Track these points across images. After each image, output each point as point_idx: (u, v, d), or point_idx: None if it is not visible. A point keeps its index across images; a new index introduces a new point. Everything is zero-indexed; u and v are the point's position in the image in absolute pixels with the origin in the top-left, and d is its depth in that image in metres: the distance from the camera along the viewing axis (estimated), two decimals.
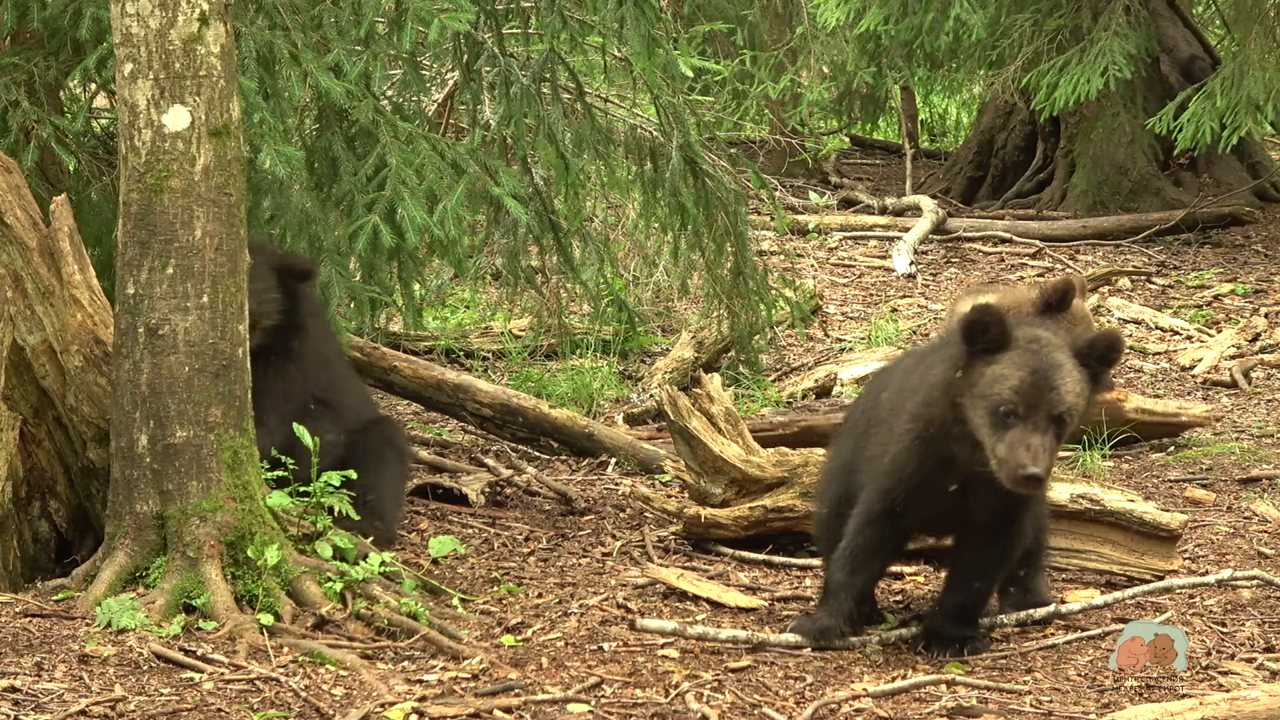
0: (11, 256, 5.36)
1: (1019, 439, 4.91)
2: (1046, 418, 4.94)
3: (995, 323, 5.05)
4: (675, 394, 6.44)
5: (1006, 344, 5.04)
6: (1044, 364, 5.00)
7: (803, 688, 4.83)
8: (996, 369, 5.00)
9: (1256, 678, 4.92)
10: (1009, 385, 4.97)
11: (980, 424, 5.00)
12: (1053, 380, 4.98)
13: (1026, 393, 4.95)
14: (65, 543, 5.63)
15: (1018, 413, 4.94)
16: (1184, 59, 13.94)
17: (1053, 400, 4.95)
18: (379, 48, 6.73)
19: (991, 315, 5.06)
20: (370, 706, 4.50)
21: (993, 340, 5.04)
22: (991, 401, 4.97)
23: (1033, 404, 4.94)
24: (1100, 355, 5.10)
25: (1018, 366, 4.99)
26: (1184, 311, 11.13)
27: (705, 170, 8.26)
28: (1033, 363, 5.00)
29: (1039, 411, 4.94)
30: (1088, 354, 5.08)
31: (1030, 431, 4.92)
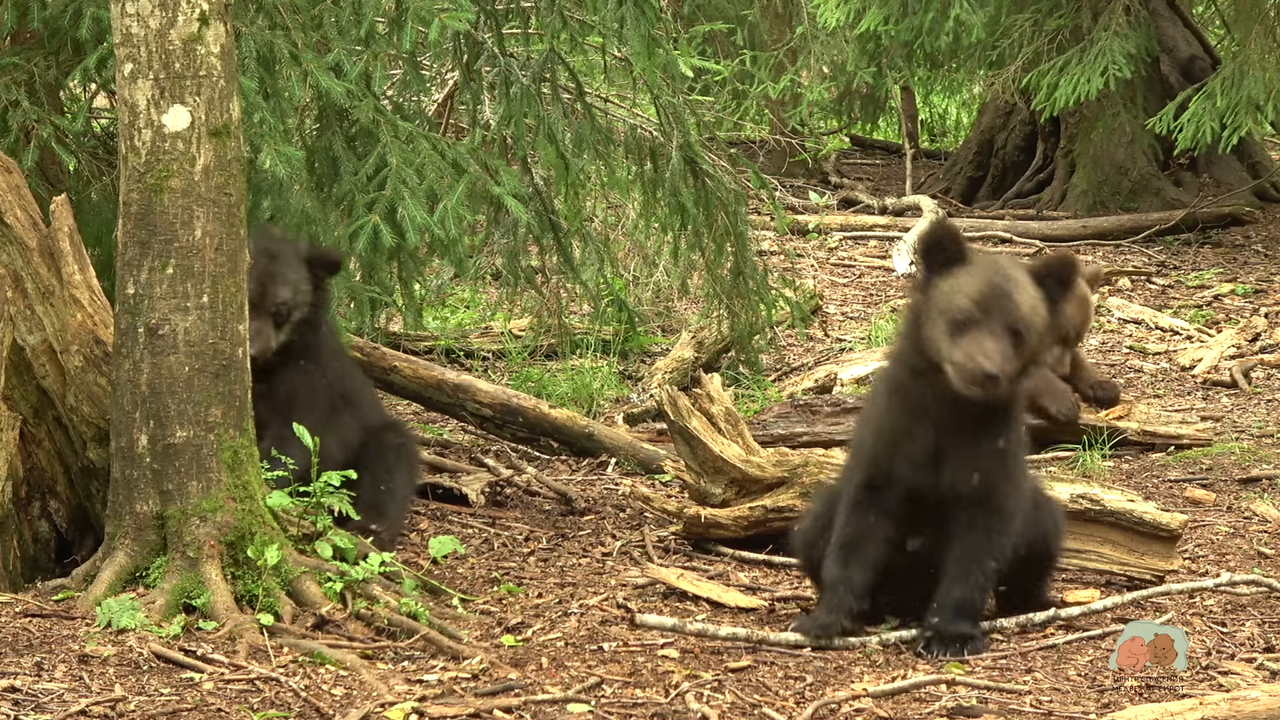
0: (11, 256, 5.36)
1: (974, 342, 4.99)
2: (1002, 325, 5.02)
3: (951, 239, 5.15)
4: (675, 394, 6.44)
5: (963, 259, 5.13)
6: (1000, 276, 5.09)
7: (803, 688, 4.83)
8: (953, 282, 5.09)
9: (1256, 678, 4.92)
10: (964, 294, 5.05)
11: (939, 339, 5.06)
12: (1008, 289, 5.06)
13: (982, 300, 5.03)
14: (65, 543, 5.63)
15: (974, 318, 5.02)
16: (1184, 59, 13.95)
17: (1008, 308, 5.03)
18: (379, 48, 6.73)
19: (947, 231, 5.18)
20: (370, 706, 4.50)
21: (949, 256, 5.13)
22: (949, 313, 5.05)
23: (988, 310, 5.02)
24: (1057, 277, 5.18)
25: (974, 278, 5.08)
26: (1184, 311, 11.13)
27: (705, 170, 8.26)
28: (988, 274, 5.09)
29: (994, 318, 5.01)
30: (1044, 275, 5.15)
31: (985, 335, 5.00)
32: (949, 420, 5.17)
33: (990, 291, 5.04)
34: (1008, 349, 5.01)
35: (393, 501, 6.27)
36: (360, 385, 6.67)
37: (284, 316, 6.11)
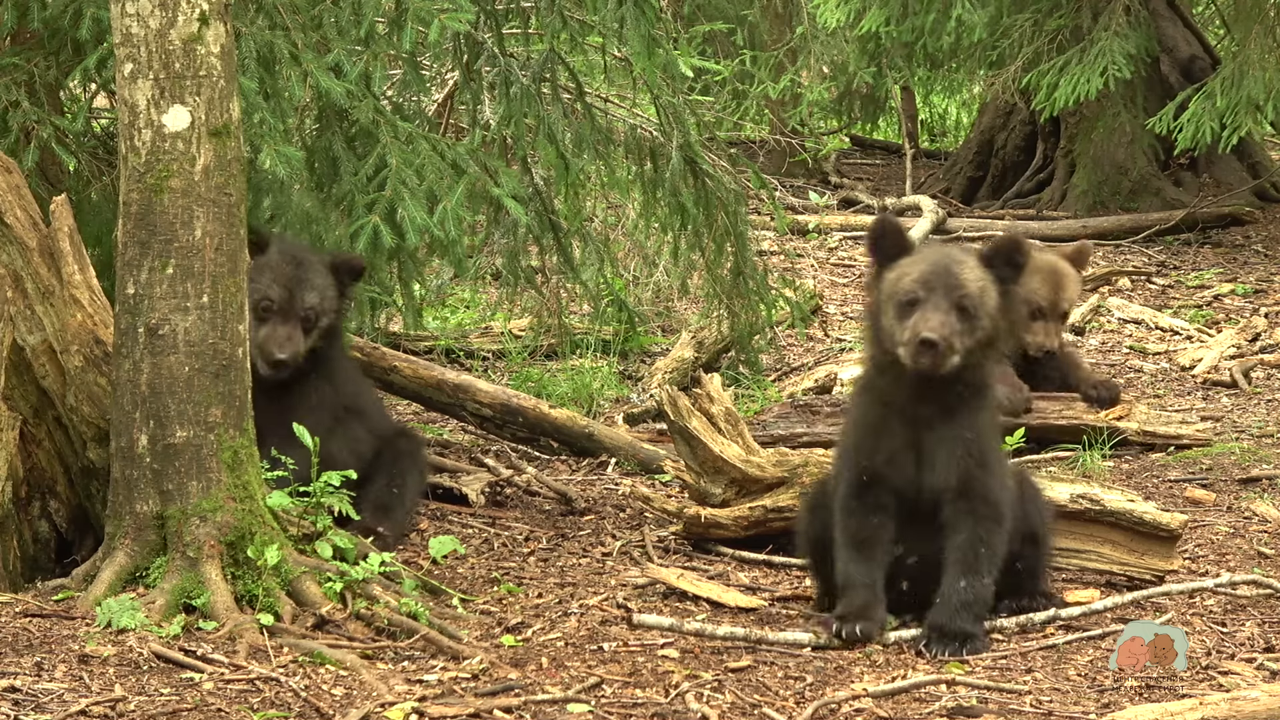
0: (11, 256, 5.36)
1: (921, 315, 5.16)
2: (947, 300, 5.17)
3: (893, 230, 5.36)
4: (675, 394, 6.44)
5: (907, 248, 5.34)
6: (944, 258, 5.28)
7: (803, 688, 4.83)
8: (900, 269, 5.27)
9: (1256, 678, 4.92)
10: (910, 278, 5.23)
11: (891, 325, 5.23)
12: (952, 269, 5.23)
13: (925, 279, 5.21)
14: (65, 543, 5.63)
15: (918, 297, 5.18)
16: (1184, 59, 13.95)
17: (951, 284, 5.19)
18: (379, 48, 6.73)
19: (889, 224, 5.40)
20: (370, 706, 4.50)
21: (893, 246, 5.32)
22: (896, 297, 5.23)
23: (932, 287, 5.19)
24: (1005, 258, 5.30)
25: (917, 263, 5.27)
26: (1184, 311, 11.13)
27: (705, 170, 8.26)
28: (933, 257, 5.30)
29: (938, 293, 5.18)
30: (992, 258, 5.29)
31: (931, 310, 5.16)
32: (918, 410, 5.27)
33: (933, 270, 5.23)
34: (953, 321, 5.16)
35: (400, 505, 6.30)
36: (367, 394, 6.71)
37: (312, 322, 6.14)
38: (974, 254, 5.33)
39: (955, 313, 5.17)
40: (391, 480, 6.34)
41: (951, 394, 5.27)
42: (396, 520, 6.23)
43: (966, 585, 5.24)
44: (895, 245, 5.33)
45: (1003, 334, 5.35)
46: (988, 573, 5.27)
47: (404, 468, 6.43)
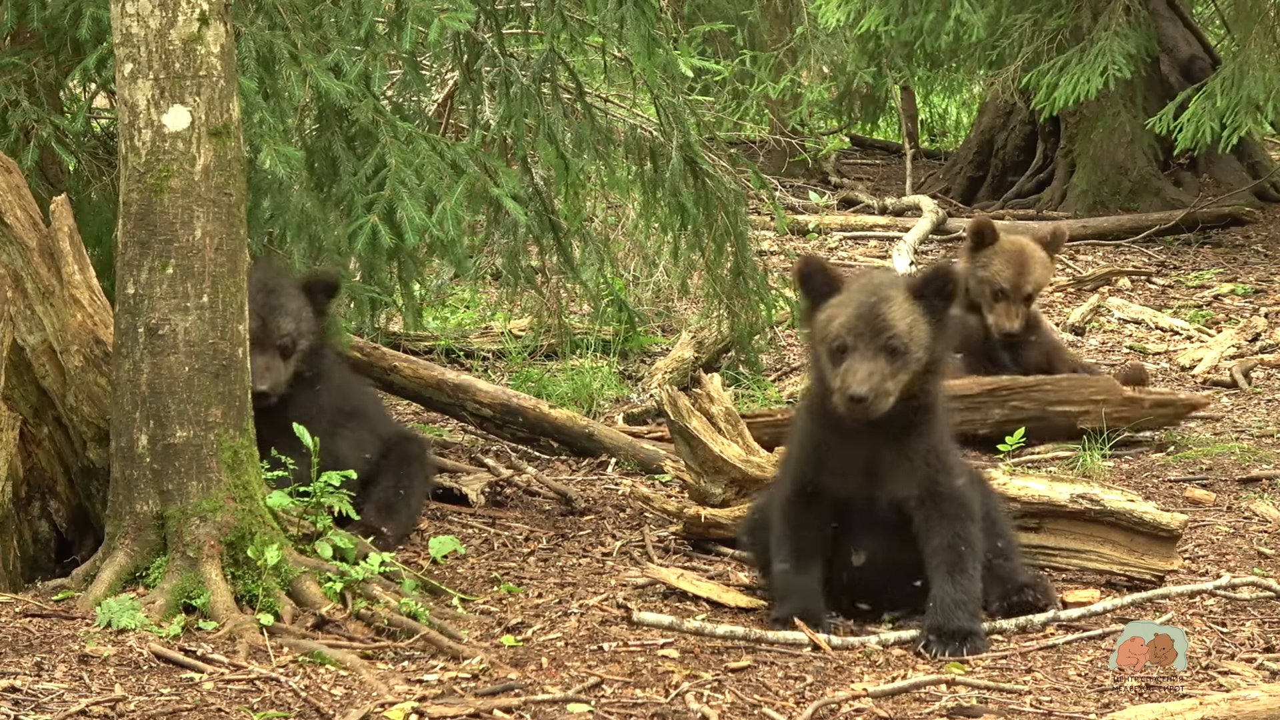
0: (11, 256, 5.36)
1: (849, 367, 5.21)
2: (874, 347, 5.21)
3: (819, 270, 5.38)
4: (675, 394, 6.43)
5: (837, 287, 5.35)
6: (870, 299, 5.28)
7: (803, 688, 4.83)
8: (829, 311, 5.32)
9: (1256, 678, 4.92)
10: (838, 322, 5.27)
11: (825, 367, 5.30)
12: (878, 311, 5.25)
13: (853, 325, 5.24)
14: (65, 543, 5.63)
15: (848, 344, 5.22)
16: (1184, 59, 13.95)
17: (878, 328, 5.22)
18: (379, 48, 6.73)
19: (814, 264, 5.41)
20: (370, 706, 4.50)
21: (822, 286, 5.36)
22: (827, 342, 5.28)
23: (859, 334, 5.22)
24: (936, 289, 5.31)
25: (845, 305, 5.30)
26: (1184, 311, 11.13)
27: (705, 170, 8.26)
28: (859, 299, 5.29)
29: (866, 341, 5.21)
30: (922, 289, 5.30)
31: (859, 360, 5.21)
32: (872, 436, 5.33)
33: (860, 316, 5.25)
34: (881, 368, 5.21)
35: (405, 506, 6.31)
36: (367, 397, 6.71)
37: (290, 349, 6.11)
38: (903, 286, 5.33)
39: (884, 356, 5.21)
40: (398, 482, 6.35)
41: (897, 423, 5.34)
42: (400, 521, 6.24)
43: (956, 585, 5.26)
44: (824, 284, 5.36)
45: (939, 361, 5.41)
46: (973, 569, 5.31)
47: (411, 470, 6.45)
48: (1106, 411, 7.78)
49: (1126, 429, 7.86)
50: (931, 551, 5.31)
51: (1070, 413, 7.84)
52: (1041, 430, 7.81)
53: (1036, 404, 7.83)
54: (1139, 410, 7.87)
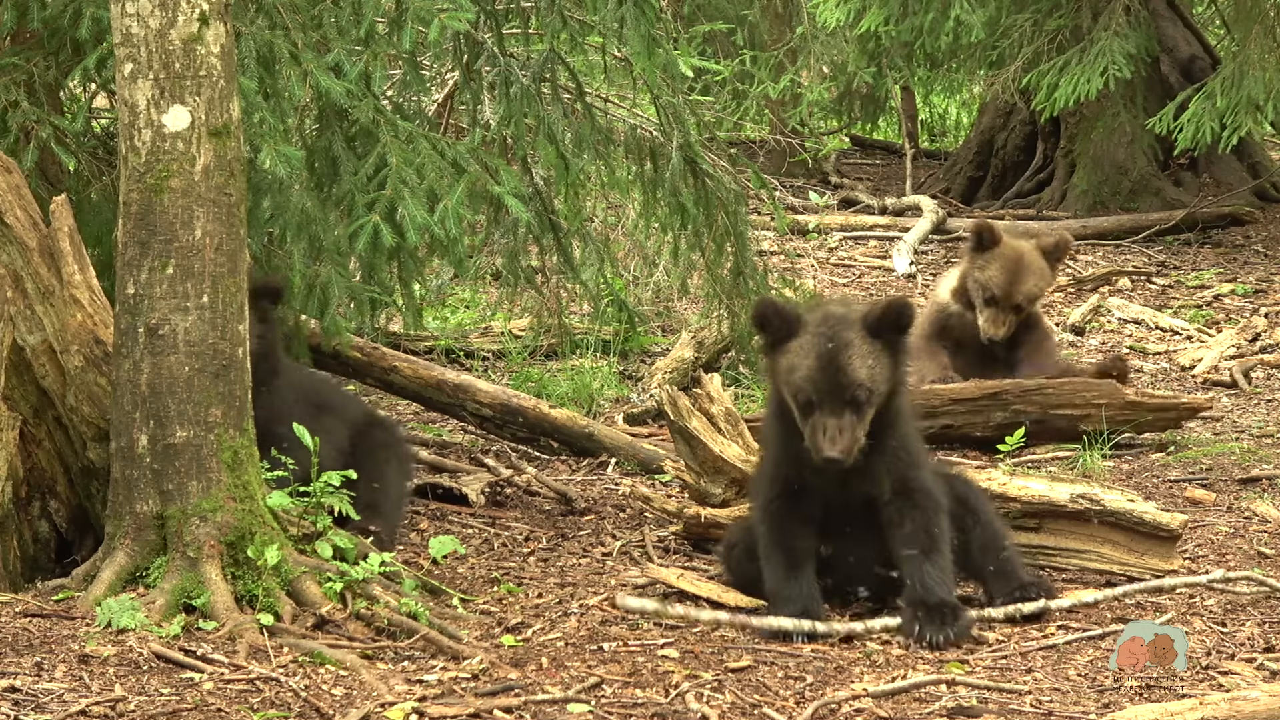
0: (11, 256, 5.36)
1: (818, 424, 5.29)
2: (840, 401, 5.28)
3: (775, 314, 5.41)
4: (675, 394, 6.43)
5: (795, 330, 5.37)
6: (830, 348, 5.31)
7: (803, 688, 4.83)
8: (790, 358, 5.36)
9: (1256, 678, 4.92)
10: (800, 375, 5.33)
11: (794, 409, 5.38)
12: (839, 363, 5.30)
13: (816, 380, 5.30)
14: (65, 543, 5.63)
15: (813, 400, 5.30)
16: (1184, 59, 13.95)
17: (842, 384, 5.28)
18: (379, 48, 6.73)
19: (769, 307, 5.44)
20: (370, 706, 4.50)
21: (779, 330, 5.39)
22: (792, 390, 5.35)
23: (824, 390, 5.29)
24: (891, 323, 5.36)
25: (805, 354, 5.33)
26: (1184, 311, 11.13)
27: (705, 170, 8.25)
28: (819, 348, 5.32)
29: (832, 397, 5.28)
30: (878, 326, 5.36)
31: (827, 416, 5.28)
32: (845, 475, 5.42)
33: (822, 369, 5.29)
34: (850, 421, 5.30)
35: (386, 499, 6.25)
36: (330, 388, 6.67)
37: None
38: (859, 326, 5.36)
39: (849, 410, 5.30)
40: (370, 476, 6.20)
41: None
42: (387, 515, 6.18)
43: (932, 563, 5.34)
44: (782, 326, 5.40)
45: (902, 383, 5.49)
46: (943, 551, 5.40)
47: (380, 460, 6.37)
48: (1108, 415, 7.79)
49: (1127, 430, 7.87)
50: (903, 540, 5.40)
51: (1072, 416, 7.85)
52: (1042, 433, 7.81)
53: (1038, 407, 7.84)
54: (1140, 413, 7.88)
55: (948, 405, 7.86)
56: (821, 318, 5.41)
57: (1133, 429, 7.89)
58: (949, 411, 7.86)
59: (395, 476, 6.40)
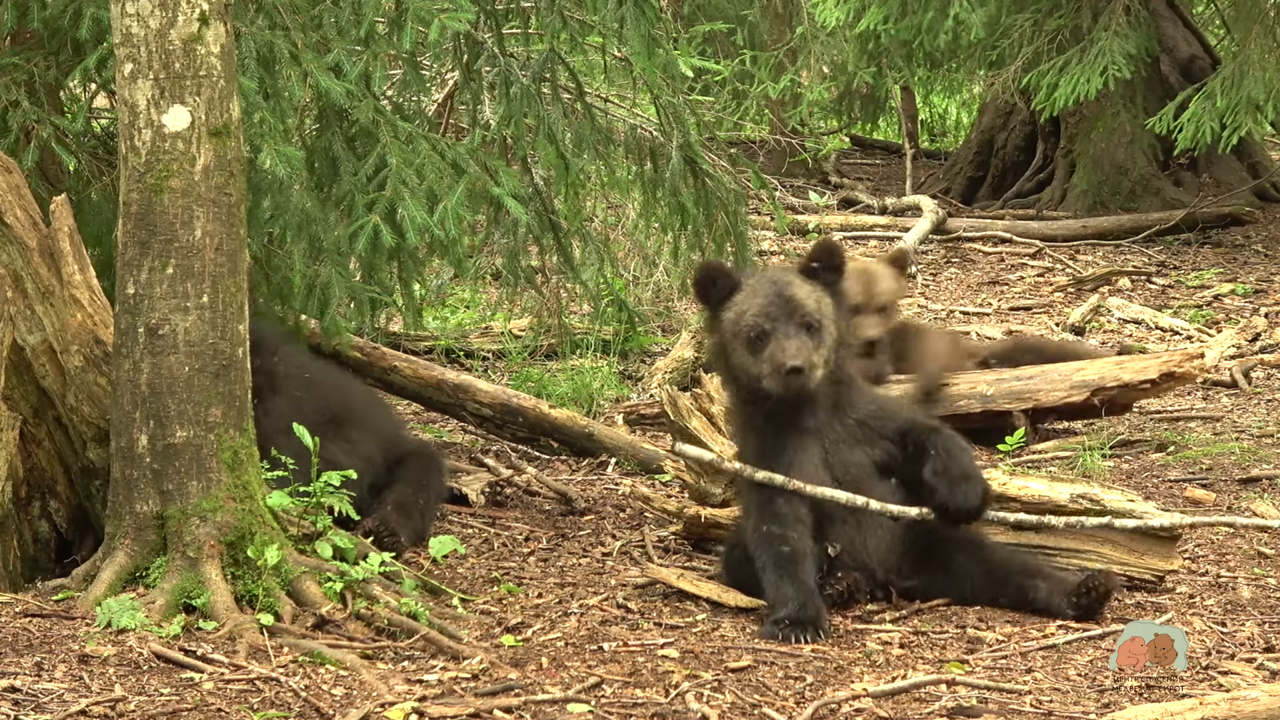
0: (11, 256, 5.36)
1: (776, 346, 5.42)
2: (793, 325, 5.44)
3: (719, 272, 5.58)
4: (675, 394, 6.43)
5: (738, 286, 5.55)
6: (775, 285, 5.52)
7: (803, 688, 4.83)
8: (737, 307, 5.51)
9: (1256, 678, 4.92)
10: (752, 311, 5.47)
11: (744, 360, 5.48)
12: (788, 293, 5.48)
13: (769, 310, 5.45)
14: (65, 543, 5.63)
15: (765, 330, 5.44)
16: (1184, 59, 13.94)
17: (793, 308, 5.45)
18: (379, 48, 6.73)
19: (714, 267, 5.63)
20: (370, 706, 4.50)
21: (724, 287, 5.55)
22: (742, 334, 5.46)
23: (775, 317, 5.44)
24: (826, 263, 5.59)
25: (753, 296, 5.51)
26: (1184, 311, 11.13)
27: (705, 170, 8.25)
28: (764, 288, 5.52)
29: (784, 322, 5.44)
30: (815, 268, 5.58)
31: (782, 339, 5.42)
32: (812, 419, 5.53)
33: (771, 300, 5.47)
34: (805, 342, 5.41)
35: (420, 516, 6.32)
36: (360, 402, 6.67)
37: None
38: (796, 270, 5.60)
39: (803, 333, 5.43)
40: (418, 490, 6.37)
41: (827, 400, 5.55)
42: (414, 526, 6.24)
43: (948, 441, 5.54)
44: (725, 286, 5.55)
45: (846, 332, 5.67)
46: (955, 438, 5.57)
47: (431, 482, 6.48)
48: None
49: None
50: (914, 443, 5.56)
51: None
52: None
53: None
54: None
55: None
56: (758, 273, 5.66)
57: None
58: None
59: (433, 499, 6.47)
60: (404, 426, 7.13)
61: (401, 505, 6.23)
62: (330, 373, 6.70)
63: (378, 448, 6.46)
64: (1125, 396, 8.08)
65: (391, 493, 6.31)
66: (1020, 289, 12.04)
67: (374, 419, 6.64)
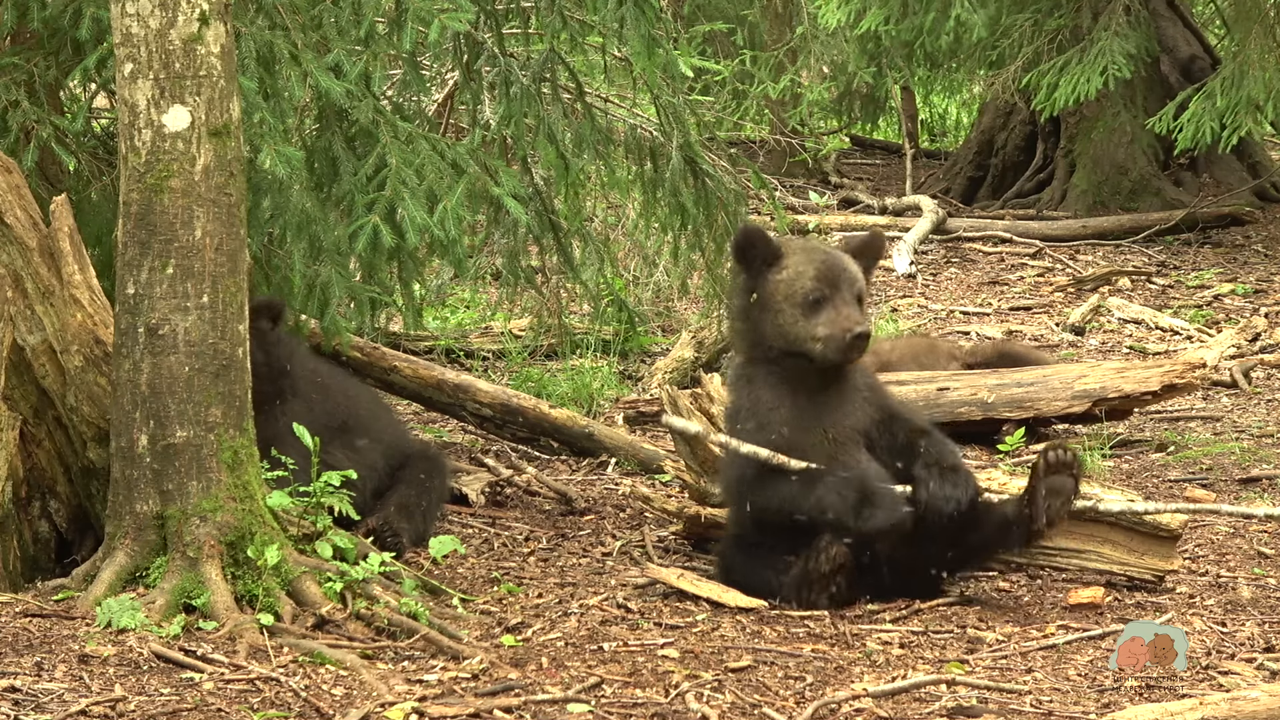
0: (11, 256, 5.36)
1: (835, 313, 5.51)
2: (850, 294, 5.55)
3: (761, 237, 5.63)
4: (675, 393, 6.43)
5: (781, 253, 5.62)
6: (831, 255, 5.65)
7: (803, 688, 4.83)
8: (788, 271, 5.58)
9: (1256, 678, 4.92)
10: (809, 276, 5.55)
11: (791, 322, 5.55)
12: (843, 263, 5.61)
13: (827, 276, 5.55)
14: (65, 543, 5.63)
15: (824, 295, 5.52)
16: (1184, 59, 13.95)
17: (850, 278, 5.58)
18: (379, 48, 6.73)
19: (755, 232, 5.66)
20: (370, 706, 4.50)
21: (767, 252, 5.61)
22: (798, 295, 5.55)
23: (835, 284, 5.54)
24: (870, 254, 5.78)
25: (807, 261, 5.60)
26: (1184, 311, 11.13)
27: (705, 170, 8.25)
28: (819, 255, 5.63)
29: (842, 289, 5.54)
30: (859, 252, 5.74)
31: (842, 304, 5.52)
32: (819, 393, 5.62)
33: (830, 268, 5.56)
34: (862, 311, 5.57)
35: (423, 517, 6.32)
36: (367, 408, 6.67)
37: None
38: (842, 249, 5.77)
39: (856, 303, 5.56)
40: (421, 492, 6.38)
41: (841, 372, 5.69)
42: (416, 526, 6.24)
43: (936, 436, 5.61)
44: (768, 251, 5.61)
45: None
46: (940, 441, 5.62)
47: (433, 485, 6.47)
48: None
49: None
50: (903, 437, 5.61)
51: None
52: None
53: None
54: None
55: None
56: (801, 243, 5.75)
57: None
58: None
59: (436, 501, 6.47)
60: (407, 430, 7.14)
61: (404, 506, 6.25)
62: (338, 377, 6.70)
63: (382, 454, 6.47)
64: (1126, 406, 8.08)
65: (394, 494, 6.32)
66: (1020, 289, 12.04)
67: (379, 425, 6.64)
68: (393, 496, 6.30)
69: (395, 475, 6.45)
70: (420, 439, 7.25)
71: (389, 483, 6.41)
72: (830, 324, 5.49)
